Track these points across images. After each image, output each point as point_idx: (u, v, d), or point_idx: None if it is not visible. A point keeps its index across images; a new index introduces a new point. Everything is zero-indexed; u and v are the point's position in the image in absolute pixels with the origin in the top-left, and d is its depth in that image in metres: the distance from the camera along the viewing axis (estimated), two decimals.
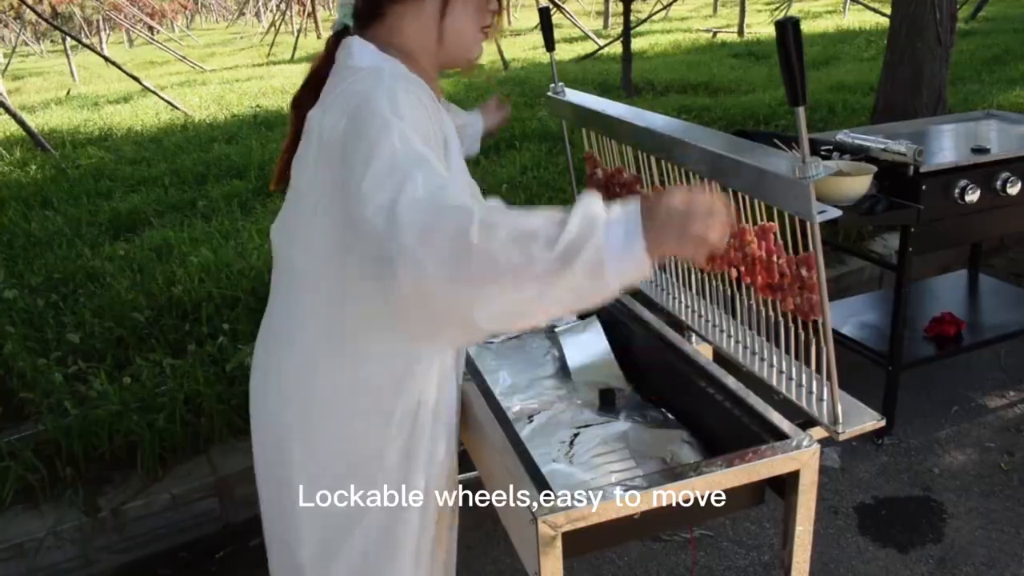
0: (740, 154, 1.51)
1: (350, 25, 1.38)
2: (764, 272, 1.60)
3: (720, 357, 1.88)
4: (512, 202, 5.04)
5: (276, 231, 1.41)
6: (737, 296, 1.79)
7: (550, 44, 2.15)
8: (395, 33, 1.35)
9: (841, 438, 1.47)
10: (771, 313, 1.67)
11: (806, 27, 14.34)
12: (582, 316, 2.27)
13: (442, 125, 1.33)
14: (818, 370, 1.54)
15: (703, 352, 1.88)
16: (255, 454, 1.49)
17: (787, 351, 1.65)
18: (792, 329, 1.61)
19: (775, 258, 1.56)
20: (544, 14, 2.06)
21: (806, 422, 1.52)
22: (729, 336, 1.86)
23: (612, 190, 2.21)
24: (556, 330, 2.19)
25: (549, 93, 2.18)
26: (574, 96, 2.19)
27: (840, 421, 1.48)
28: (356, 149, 1.14)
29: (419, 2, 1.33)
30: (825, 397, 1.53)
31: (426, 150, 1.14)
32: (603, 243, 1.02)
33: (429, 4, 1.33)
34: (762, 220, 1.59)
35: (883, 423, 1.42)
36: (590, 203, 1.05)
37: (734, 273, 1.71)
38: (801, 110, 1.19)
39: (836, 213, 1.35)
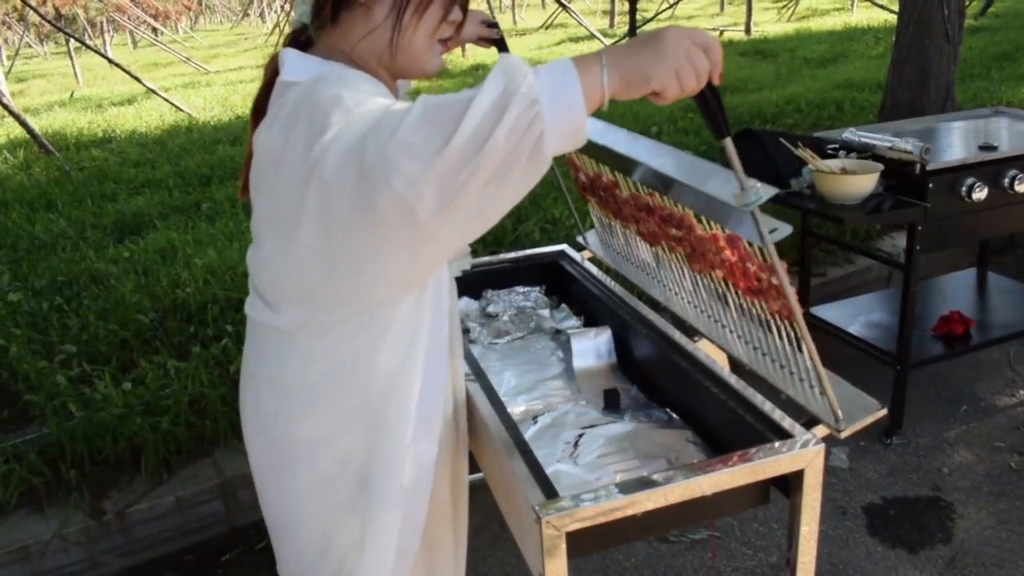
0: (692, 178, 1.50)
1: (308, 24, 1.37)
2: (742, 277, 1.59)
3: (731, 361, 1.87)
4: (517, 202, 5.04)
5: (249, 256, 1.40)
6: (729, 296, 1.77)
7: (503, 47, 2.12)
8: (348, 39, 1.32)
9: (843, 435, 1.45)
10: (760, 312, 1.66)
11: (814, 24, 14.34)
12: (591, 324, 2.26)
13: None
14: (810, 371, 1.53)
15: (708, 353, 1.86)
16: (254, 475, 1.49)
17: (781, 351, 1.64)
18: (782, 329, 1.60)
19: (748, 264, 1.55)
20: (496, 43, 2.03)
21: (810, 421, 1.51)
22: (730, 332, 1.85)
23: (596, 192, 2.20)
24: (569, 331, 2.18)
25: None
26: None
27: (840, 419, 1.47)
28: (311, 134, 1.11)
29: (368, 10, 1.29)
30: (818, 397, 1.52)
31: (381, 102, 1.12)
32: (535, 92, 0.97)
33: (379, 13, 1.29)
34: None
35: (884, 412, 1.40)
36: (508, 56, 1.01)
37: (719, 275, 1.70)
38: (728, 141, 1.16)
39: (787, 230, 1.31)
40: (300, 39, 1.38)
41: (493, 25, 1.97)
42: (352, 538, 1.38)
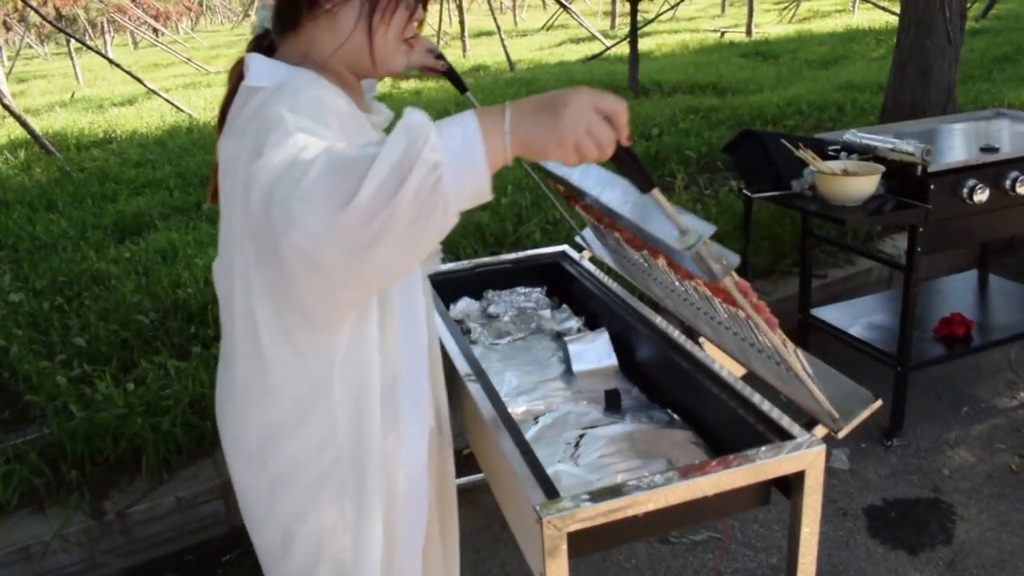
0: (638, 214, 1.48)
1: (270, 29, 1.37)
2: (716, 292, 1.59)
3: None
4: (519, 202, 5.02)
5: (215, 267, 1.39)
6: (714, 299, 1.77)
7: (462, 87, 2.13)
8: (311, 45, 1.32)
9: (841, 435, 1.45)
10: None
11: (815, 26, 14.34)
12: (591, 327, 2.26)
13: (360, 128, 1.31)
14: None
15: (710, 353, 1.86)
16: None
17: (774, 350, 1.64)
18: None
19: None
20: (449, 74, 2.04)
21: (810, 422, 1.51)
22: (725, 328, 1.85)
23: (576, 200, 2.19)
24: (565, 338, 2.18)
25: None
26: None
27: (837, 418, 1.46)
28: (254, 152, 1.12)
29: (333, 16, 1.29)
30: (811, 400, 1.51)
31: (315, 137, 1.11)
32: (437, 155, 0.97)
33: (344, 19, 1.29)
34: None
35: (879, 403, 1.39)
36: (411, 113, 1.00)
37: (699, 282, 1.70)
38: (654, 192, 1.15)
39: (735, 262, 1.26)
40: (263, 44, 1.38)
41: (440, 56, 1.99)
42: (344, 552, 1.37)
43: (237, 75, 1.35)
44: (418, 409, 1.43)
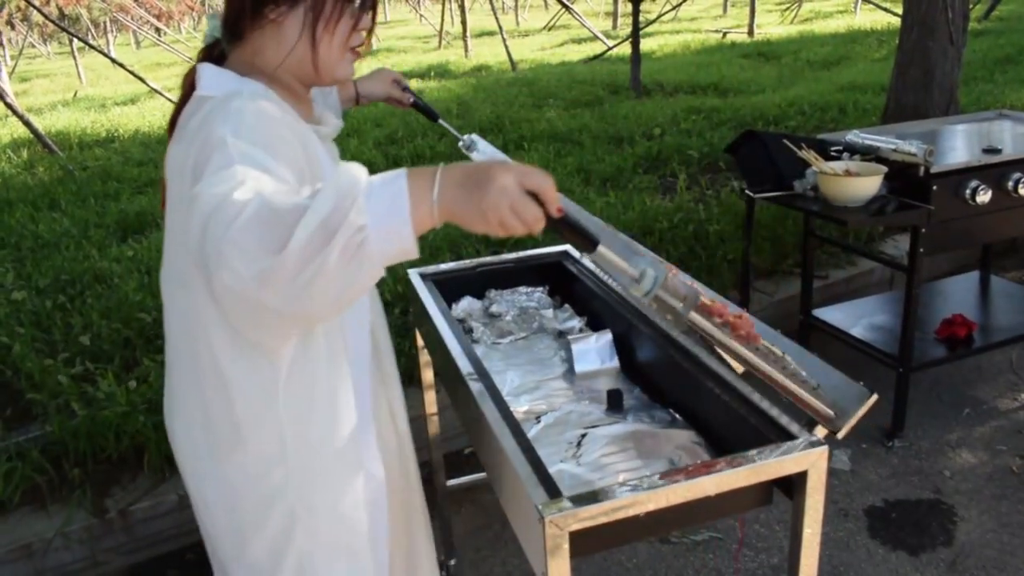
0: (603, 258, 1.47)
1: (220, 38, 1.37)
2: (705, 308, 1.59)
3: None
4: None
5: (161, 274, 1.39)
6: None
7: (432, 116, 2.13)
8: (257, 54, 1.33)
9: (840, 434, 1.45)
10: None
11: (817, 27, 14.33)
12: (593, 326, 2.26)
13: (306, 144, 1.31)
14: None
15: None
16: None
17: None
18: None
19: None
20: (417, 107, 2.05)
21: (811, 422, 1.51)
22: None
23: None
24: (569, 337, 2.18)
25: (461, 146, 2.12)
26: (476, 156, 2.13)
27: (833, 417, 1.46)
28: (195, 176, 1.13)
29: (278, 26, 1.30)
30: (818, 394, 1.51)
31: (262, 166, 1.12)
32: (363, 219, 0.98)
33: (289, 28, 1.30)
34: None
35: (875, 398, 1.39)
36: (346, 170, 1.01)
37: None
38: (599, 250, 1.14)
39: (696, 299, 1.23)
40: (214, 53, 1.39)
41: (406, 89, 1.99)
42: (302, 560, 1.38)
43: (189, 83, 1.36)
44: (367, 422, 1.45)
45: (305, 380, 1.32)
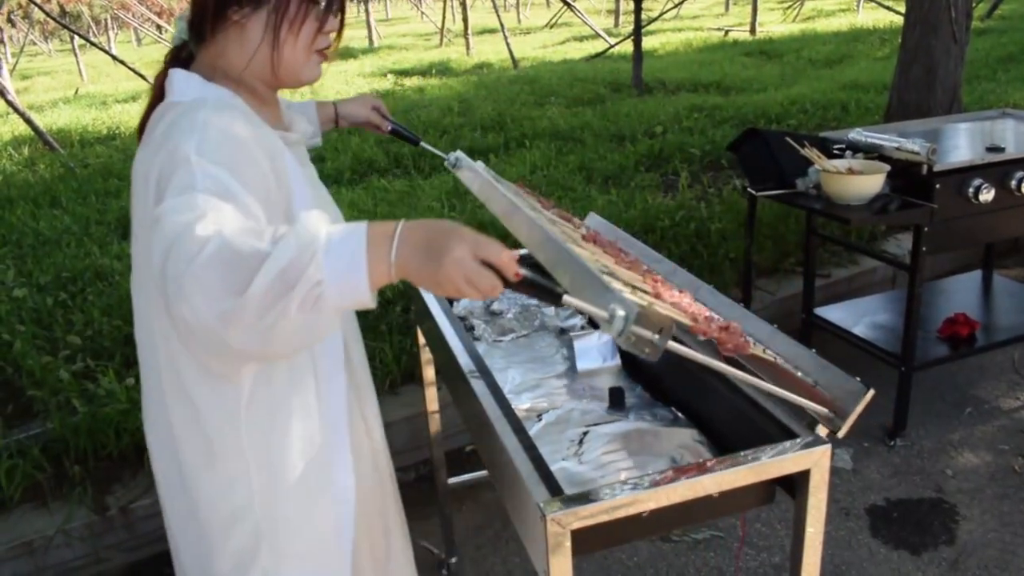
0: (575, 289, 1.45)
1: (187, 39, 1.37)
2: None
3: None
4: None
5: (131, 281, 1.38)
6: None
7: (414, 141, 2.13)
8: (222, 56, 1.32)
9: (841, 434, 1.44)
10: None
11: (819, 25, 14.32)
12: (595, 325, 2.26)
13: (273, 155, 1.29)
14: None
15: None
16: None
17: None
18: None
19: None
20: (396, 133, 2.06)
21: (813, 421, 1.50)
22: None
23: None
24: (571, 334, 2.18)
25: (448, 164, 2.12)
26: (463, 174, 2.13)
27: (832, 417, 1.45)
28: (159, 191, 1.13)
29: (242, 28, 1.29)
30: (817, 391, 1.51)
31: (225, 188, 1.12)
32: (321, 274, 0.99)
33: (252, 30, 1.29)
34: None
35: (871, 393, 1.38)
36: (307, 220, 1.02)
37: None
38: (566, 299, 1.14)
39: (671, 329, 1.19)
40: (182, 55, 1.38)
41: (386, 116, 1.99)
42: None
43: (159, 87, 1.36)
44: (340, 433, 1.44)
45: (268, 400, 1.32)
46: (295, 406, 1.35)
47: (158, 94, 1.36)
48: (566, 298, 1.13)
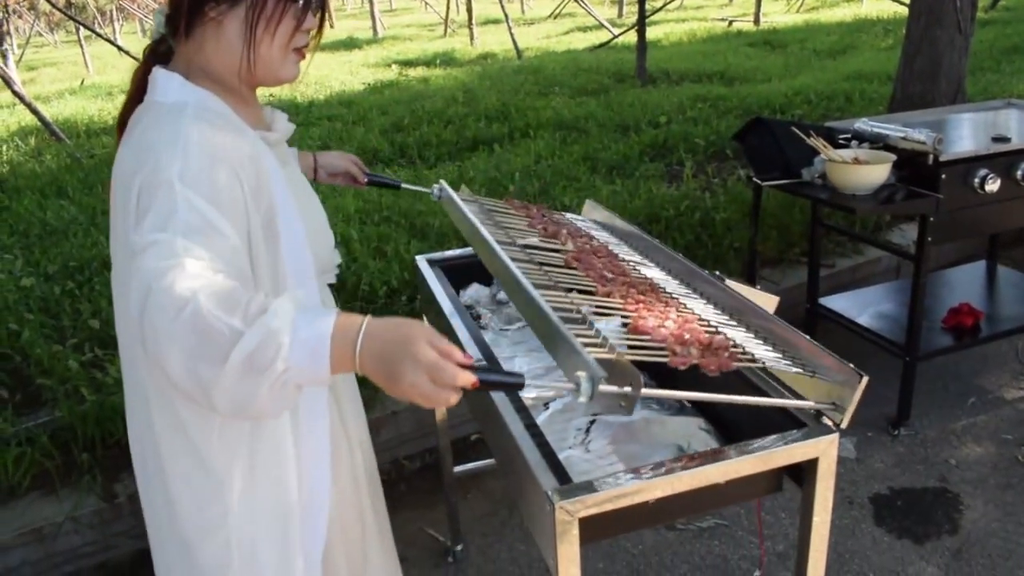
0: (547, 345, 1.44)
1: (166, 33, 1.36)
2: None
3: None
4: (527, 190, 4.99)
5: (112, 280, 1.39)
6: None
7: (395, 185, 2.18)
8: (199, 53, 1.31)
9: (843, 424, 1.44)
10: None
11: (823, 15, 14.26)
12: None
13: (254, 159, 1.29)
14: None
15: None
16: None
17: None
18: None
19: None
20: (374, 183, 2.09)
21: (819, 410, 1.51)
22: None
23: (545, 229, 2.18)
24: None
25: (432, 197, 2.15)
26: (447, 206, 2.14)
27: (833, 406, 1.45)
28: (140, 210, 1.14)
29: (219, 24, 1.28)
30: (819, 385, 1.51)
31: (204, 221, 1.14)
32: (286, 364, 1.03)
33: (230, 28, 1.28)
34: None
35: (866, 380, 1.38)
36: (276, 310, 1.05)
37: None
38: (526, 393, 1.16)
39: (638, 382, 1.19)
40: (160, 50, 1.38)
41: (363, 171, 2.02)
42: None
43: (139, 83, 1.36)
44: (320, 440, 1.44)
45: (241, 423, 1.33)
46: (268, 424, 1.35)
47: (138, 89, 1.36)
48: (525, 391, 1.17)
